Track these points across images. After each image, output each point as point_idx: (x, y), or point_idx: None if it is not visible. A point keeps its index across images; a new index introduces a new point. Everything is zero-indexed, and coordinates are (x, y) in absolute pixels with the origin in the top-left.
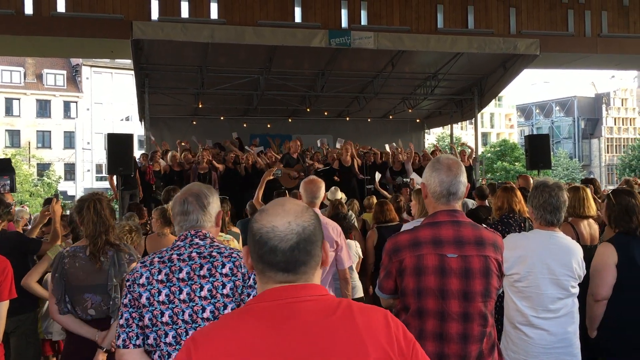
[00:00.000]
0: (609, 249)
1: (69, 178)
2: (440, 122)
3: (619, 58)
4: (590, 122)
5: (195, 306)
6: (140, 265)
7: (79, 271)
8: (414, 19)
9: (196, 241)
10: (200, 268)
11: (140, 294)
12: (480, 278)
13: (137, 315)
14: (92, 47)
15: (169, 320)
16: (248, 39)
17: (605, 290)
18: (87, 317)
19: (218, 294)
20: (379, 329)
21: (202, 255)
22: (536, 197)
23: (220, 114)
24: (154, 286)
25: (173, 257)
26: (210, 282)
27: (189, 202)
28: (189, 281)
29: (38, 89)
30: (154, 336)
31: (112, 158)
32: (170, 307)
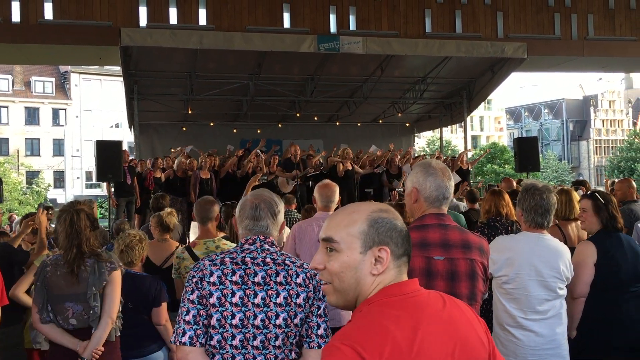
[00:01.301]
0: (588, 246)
1: (58, 186)
2: (430, 126)
3: (606, 60)
4: (578, 124)
5: (269, 312)
6: (209, 262)
7: (60, 280)
8: (402, 24)
9: (266, 247)
10: (277, 274)
11: (210, 292)
12: (466, 281)
13: (204, 313)
14: (81, 54)
15: (238, 323)
16: (237, 44)
17: (581, 288)
18: (69, 327)
19: (292, 302)
20: (477, 320)
21: (276, 262)
22: (527, 200)
23: (210, 120)
24: (227, 286)
25: (247, 260)
26: (286, 289)
27: (261, 208)
28: (265, 286)
29: (26, 97)
30: (218, 338)
31: (101, 165)
32: (243, 310)
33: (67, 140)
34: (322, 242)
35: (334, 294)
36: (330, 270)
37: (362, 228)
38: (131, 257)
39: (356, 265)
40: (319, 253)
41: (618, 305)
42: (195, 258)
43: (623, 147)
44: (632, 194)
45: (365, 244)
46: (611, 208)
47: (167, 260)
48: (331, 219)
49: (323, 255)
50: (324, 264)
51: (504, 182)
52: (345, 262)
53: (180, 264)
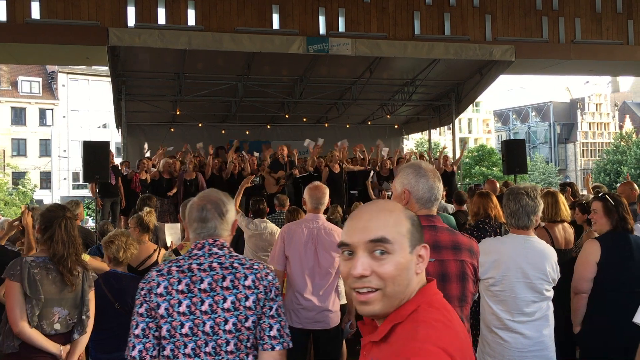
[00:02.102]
0: (593, 244)
1: (44, 186)
2: (419, 128)
3: (593, 64)
4: (565, 127)
5: (217, 318)
6: (157, 273)
7: (52, 285)
8: (391, 26)
9: (215, 250)
10: (223, 279)
11: (158, 304)
12: (456, 282)
13: (154, 326)
14: (68, 53)
15: (188, 332)
16: (226, 45)
17: (582, 284)
18: (52, 332)
19: (241, 306)
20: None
21: (223, 266)
22: (511, 202)
23: (198, 120)
24: (174, 296)
25: (193, 267)
26: (233, 294)
27: (207, 209)
28: (211, 292)
29: (13, 97)
30: (171, 347)
31: (88, 166)
32: (191, 319)
33: (54, 141)
34: (368, 243)
35: (382, 300)
36: (384, 274)
37: (408, 226)
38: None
39: (408, 266)
40: (362, 258)
41: (622, 306)
42: None
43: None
44: (635, 195)
45: (412, 243)
46: (621, 210)
47: (144, 262)
48: (373, 219)
49: (369, 260)
50: (371, 269)
51: (487, 183)
52: (400, 263)
53: None
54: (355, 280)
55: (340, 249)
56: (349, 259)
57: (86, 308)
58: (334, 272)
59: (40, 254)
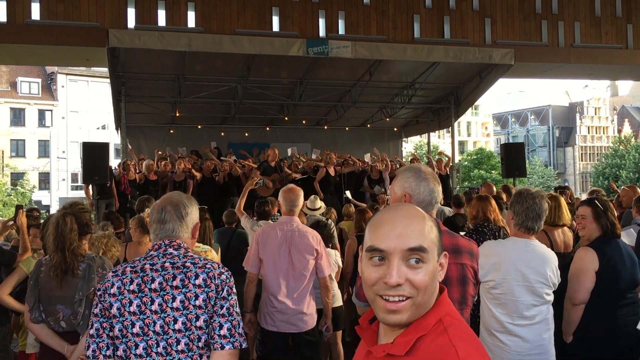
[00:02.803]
0: (590, 253)
1: (43, 187)
2: (418, 131)
3: (592, 68)
4: (564, 130)
5: (166, 317)
6: (112, 274)
7: (52, 281)
8: (391, 29)
9: (170, 251)
10: (173, 279)
11: (111, 304)
12: (456, 286)
13: (108, 326)
14: (68, 55)
15: (139, 332)
16: (226, 47)
17: (583, 295)
18: (59, 329)
19: (190, 305)
20: None
21: (175, 266)
22: (519, 203)
23: (197, 122)
24: (125, 296)
25: (146, 267)
26: (182, 292)
27: (166, 210)
28: (161, 292)
29: (12, 97)
30: (123, 347)
31: (87, 167)
32: (142, 318)
33: (52, 142)
34: (406, 252)
35: (410, 309)
36: (419, 283)
37: (437, 234)
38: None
39: (436, 275)
40: (398, 266)
41: (614, 312)
42: None
43: (608, 153)
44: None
45: (439, 251)
46: (610, 214)
47: None
48: (409, 226)
49: (404, 268)
50: (406, 277)
51: (484, 187)
52: (432, 272)
53: None
54: (386, 288)
55: (368, 253)
56: (379, 265)
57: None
58: (308, 275)
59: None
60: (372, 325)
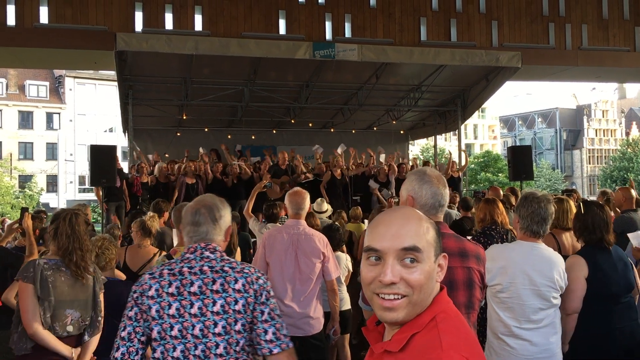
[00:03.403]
0: (579, 260)
1: (51, 190)
2: (424, 134)
3: (599, 70)
4: (572, 133)
5: (206, 321)
6: (149, 277)
7: (64, 286)
8: (398, 32)
9: (206, 254)
10: (213, 282)
11: (149, 306)
12: (463, 290)
13: (141, 330)
14: (76, 58)
15: (178, 334)
16: (232, 50)
17: (576, 304)
18: (64, 334)
19: (230, 310)
20: None
21: (214, 270)
22: (524, 207)
23: (204, 125)
24: (164, 299)
25: (184, 270)
26: (223, 297)
27: (200, 213)
28: (201, 295)
29: (20, 100)
30: (161, 350)
31: (95, 170)
32: (180, 321)
33: (60, 145)
34: (400, 251)
35: (406, 308)
36: (413, 282)
37: (433, 235)
38: (108, 258)
39: (433, 275)
40: (392, 265)
41: (609, 316)
42: None
43: (616, 156)
44: (630, 203)
45: (436, 252)
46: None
47: (144, 266)
48: (404, 227)
49: (399, 267)
50: (401, 276)
51: (491, 190)
52: (427, 271)
53: None
54: (381, 286)
55: (365, 253)
56: (375, 264)
57: (98, 309)
58: (314, 278)
59: (53, 256)
60: (378, 327)
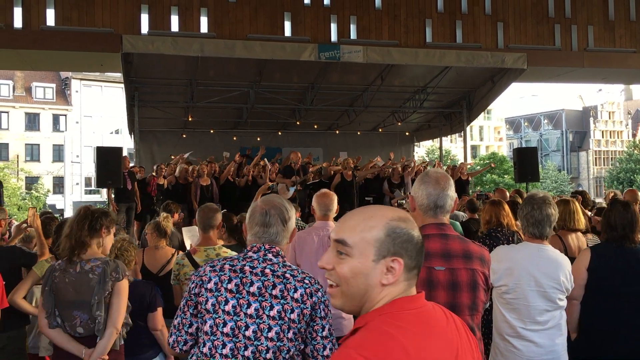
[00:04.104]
0: (584, 252)
1: (57, 191)
2: (430, 135)
3: (606, 72)
4: (578, 135)
5: (261, 323)
6: (210, 269)
7: (69, 287)
8: (403, 33)
9: (269, 257)
10: (273, 287)
11: (207, 298)
12: (467, 291)
13: (188, 323)
14: (82, 60)
15: (229, 332)
16: (238, 52)
17: (576, 291)
18: (76, 334)
19: (286, 317)
20: (470, 336)
21: (275, 274)
22: (522, 209)
23: (210, 127)
24: (222, 294)
25: (245, 269)
26: (281, 303)
27: (271, 214)
28: (259, 297)
29: (27, 102)
30: (209, 345)
31: (101, 171)
32: (235, 319)
33: (66, 146)
34: (334, 242)
35: (340, 297)
36: (339, 273)
37: (378, 235)
38: (127, 260)
39: (367, 273)
40: (329, 252)
41: (618, 314)
42: (196, 265)
43: (622, 158)
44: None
45: (380, 253)
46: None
47: (163, 267)
48: (346, 221)
49: (333, 256)
50: (333, 265)
51: (497, 192)
52: (357, 268)
53: (179, 271)
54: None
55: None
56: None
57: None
58: None
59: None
60: None
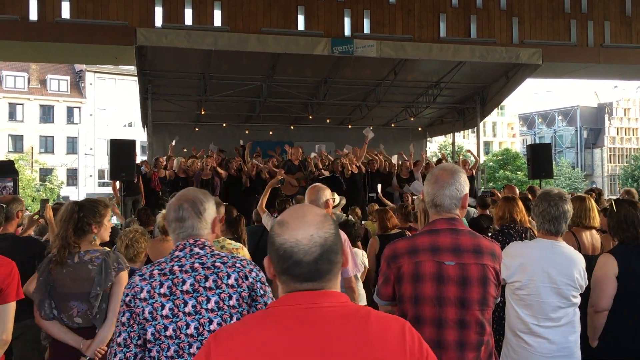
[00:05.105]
0: (609, 259)
1: (71, 183)
2: (442, 131)
3: (622, 68)
4: (592, 131)
5: (201, 319)
6: (140, 279)
7: (66, 278)
8: (417, 28)
9: (196, 250)
10: (206, 280)
11: (142, 308)
12: (477, 286)
13: (136, 335)
14: (96, 53)
15: (172, 334)
16: (251, 46)
17: (606, 302)
18: (73, 325)
19: (225, 306)
20: (392, 338)
21: (205, 266)
22: (537, 206)
23: (222, 120)
24: (157, 300)
25: (174, 269)
26: (217, 294)
27: (184, 208)
28: (194, 293)
29: (42, 95)
30: (156, 349)
31: (114, 164)
32: (174, 321)
33: (80, 139)
34: None
35: None
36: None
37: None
38: (137, 251)
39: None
40: None
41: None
42: None
43: (638, 155)
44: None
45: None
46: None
47: None
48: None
49: None
50: None
51: (506, 189)
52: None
53: None
54: None
55: None
56: None
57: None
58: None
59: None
60: None
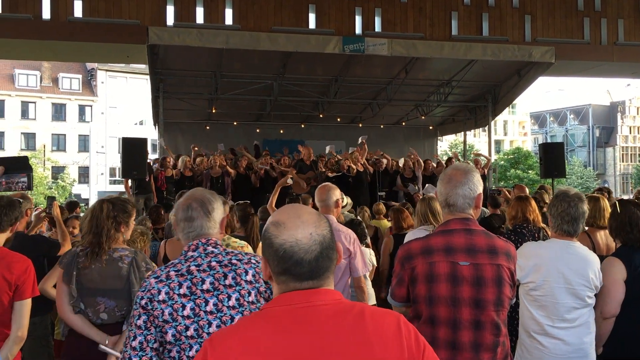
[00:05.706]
0: (617, 263)
1: (83, 181)
2: (454, 129)
3: (636, 66)
4: (605, 130)
5: (223, 316)
6: (155, 281)
7: (94, 273)
8: (428, 26)
9: (210, 249)
10: (225, 277)
11: (162, 310)
12: (492, 287)
13: (152, 338)
14: (109, 51)
15: (194, 334)
16: (262, 44)
17: (615, 308)
18: (97, 321)
19: (245, 302)
20: (389, 333)
21: (222, 264)
22: (555, 206)
23: (233, 119)
24: (177, 301)
25: (192, 269)
26: (237, 290)
27: (193, 208)
28: (215, 291)
29: (54, 93)
30: (176, 349)
31: (126, 162)
32: (196, 321)
33: (92, 137)
34: None
35: None
36: None
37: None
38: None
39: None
40: None
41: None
42: None
43: None
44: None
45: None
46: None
47: None
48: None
49: None
50: None
51: (516, 188)
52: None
53: None
54: None
55: None
56: None
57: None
58: (340, 274)
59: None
60: None
